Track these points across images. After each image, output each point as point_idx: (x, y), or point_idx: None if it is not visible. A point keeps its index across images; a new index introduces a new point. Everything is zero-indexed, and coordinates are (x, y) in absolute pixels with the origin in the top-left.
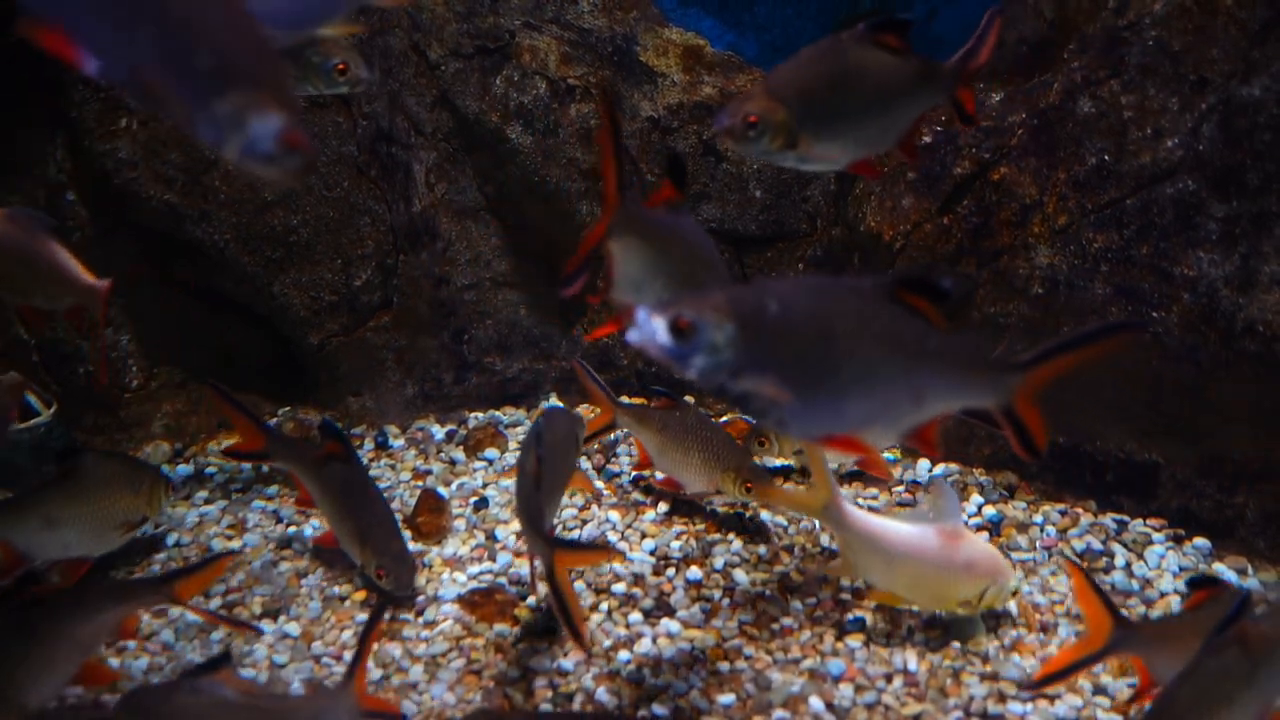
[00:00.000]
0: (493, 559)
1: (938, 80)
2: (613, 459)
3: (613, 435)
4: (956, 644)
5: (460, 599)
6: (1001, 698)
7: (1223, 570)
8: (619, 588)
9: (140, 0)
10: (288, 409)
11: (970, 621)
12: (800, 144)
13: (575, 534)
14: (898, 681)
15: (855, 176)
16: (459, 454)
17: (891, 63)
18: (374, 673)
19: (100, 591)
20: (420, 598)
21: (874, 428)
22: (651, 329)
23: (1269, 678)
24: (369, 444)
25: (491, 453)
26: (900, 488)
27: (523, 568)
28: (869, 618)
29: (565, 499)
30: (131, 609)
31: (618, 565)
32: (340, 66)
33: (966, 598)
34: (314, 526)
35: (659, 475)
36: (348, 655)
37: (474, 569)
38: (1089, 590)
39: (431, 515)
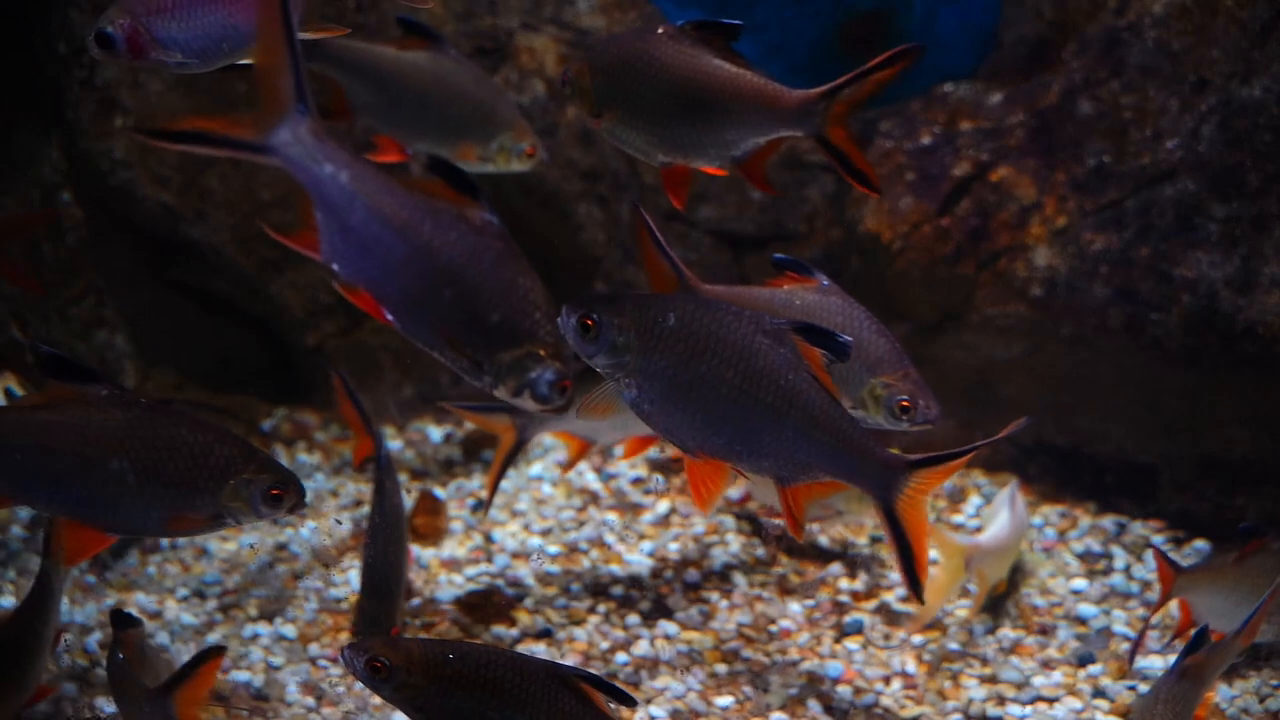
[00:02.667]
0: (490, 561)
1: (788, 107)
2: (610, 459)
3: None
4: (955, 646)
5: (458, 601)
6: (1000, 700)
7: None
8: (617, 590)
9: (442, 275)
10: (284, 411)
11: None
12: (605, 117)
13: (571, 536)
14: (896, 683)
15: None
16: (457, 455)
17: (714, 69)
18: None
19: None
20: (417, 600)
21: (747, 460)
22: (568, 323)
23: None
24: None
25: (489, 454)
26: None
27: (521, 569)
28: (867, 620)
29: (563, 500)
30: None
31: (615, 567)
32: (529, 150)
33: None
34: (310, 528)
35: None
36: None
37: (471, 570)
38: (1160, 554)
39: (428, 517)
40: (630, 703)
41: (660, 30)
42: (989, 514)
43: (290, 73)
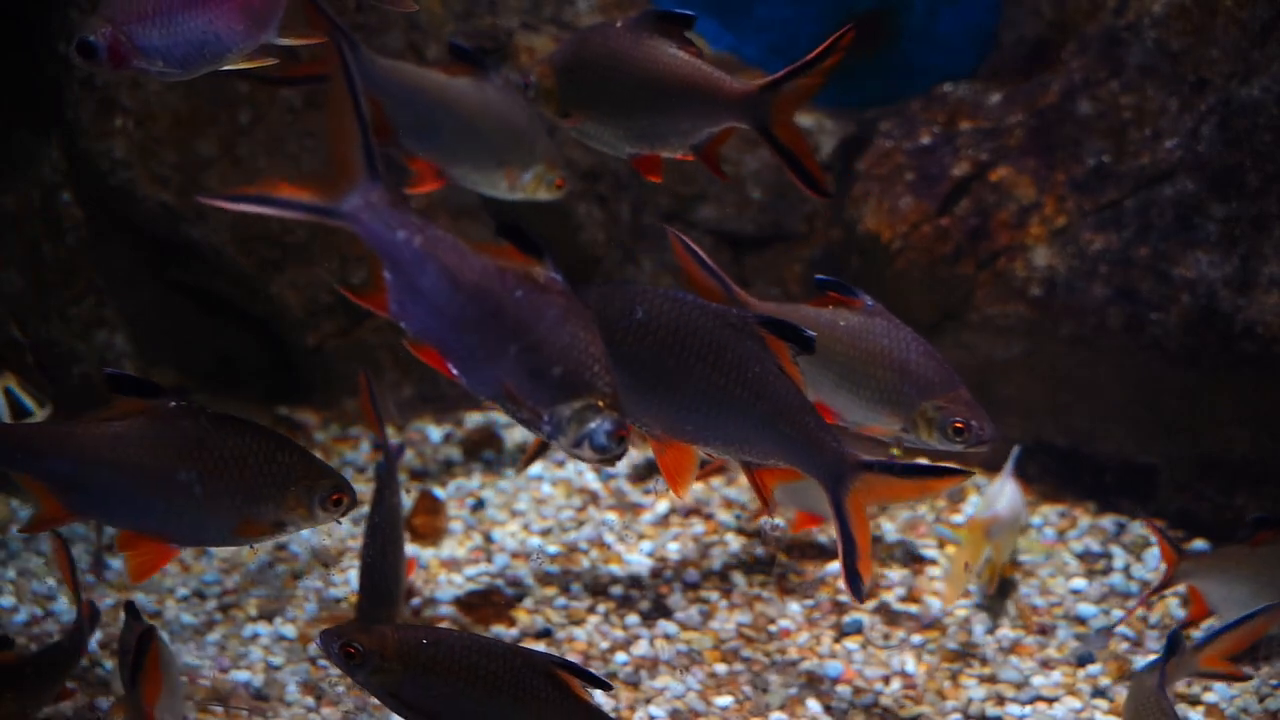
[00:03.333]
0: (490, 560)
1: (730, 98)
2: None
3: None
4: (954, 645)
5: (457, 601)
6: (1000, 700)
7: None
8: (616, 590)
9: (506, 332)
10: (284, 410)
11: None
12: (572, 116)
13: (571, 536)
14: (896, 683)
15: (853, 177)
16: (456, 454)
17: (663, 61)
18: None
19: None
20: (417, 599)
21: (715, 445)
22: None
23: None
24: (365, 445)
25: (489, 454)
26: None
27: (521, 569)
28: (866, 619)
29: (562, 500)
30: None
31: (615, 567)
32: (559, 183)
33: None
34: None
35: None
36: None
37: (471, 570)
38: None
39: (428, 516)
40: (606, 688)
41: (618, 24)
42: (993, 490)
43: (360, 142)
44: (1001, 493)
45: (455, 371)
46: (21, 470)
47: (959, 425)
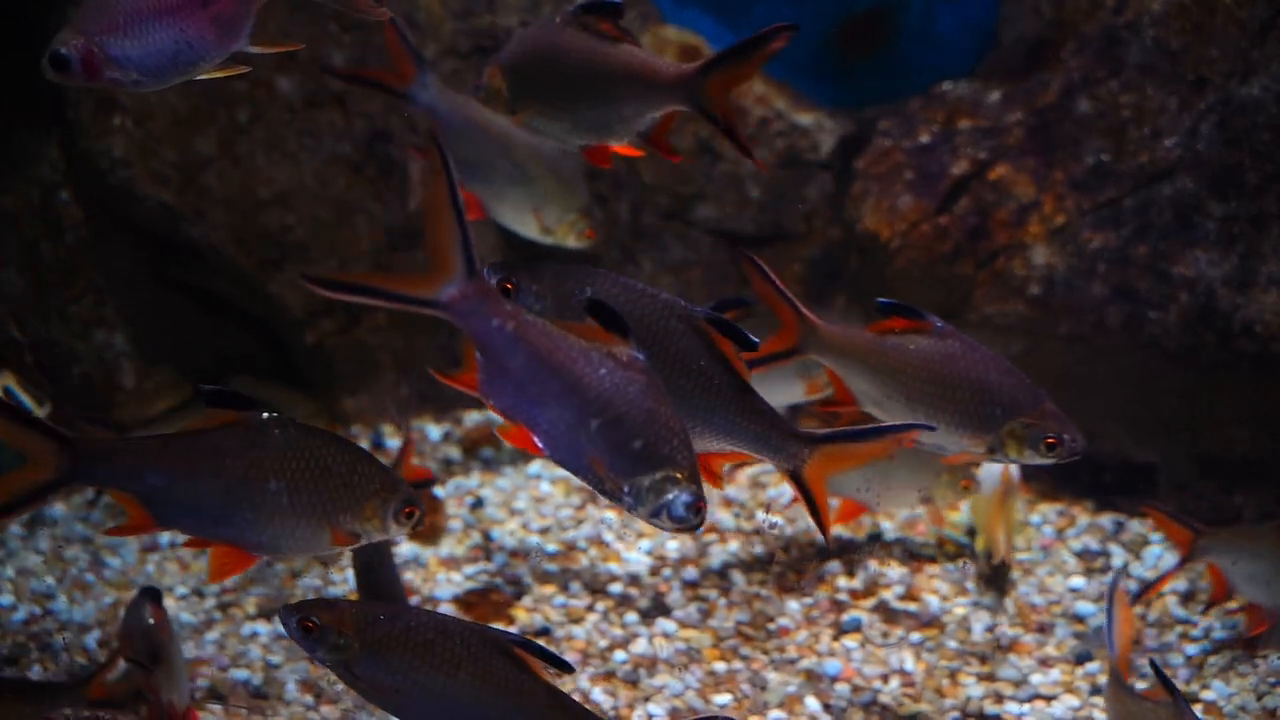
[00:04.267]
0: (489, 559)
1: (667, 82)
2: None
3: None
4: (953, 644)
5: (456, 599)
6: (998, 698)
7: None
8: (615, 588)
9: (591, 409)
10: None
11: None
12: (522, 112)
13: (570, 534)
14: (894, 682)
15: (852, 176)
16: (455, 453)
17: (600, 50)
18: None
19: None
20: (415, 598)
21: None
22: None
23: None
24: (364, 444)
25: (487, 452)
26: None
27: (520, 568)
28: (865, 618)
29: (561, 498)
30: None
31: (614, 565)
32: (588, 233)
33: None
34: None
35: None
36: None
37: (470, 569)
38: (1160, 514)
39: (427, 515)
40: (566, 669)
41: (558, 19)
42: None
43: (458, 237)
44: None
45: (541, 445)
46: (117, 485)
47: (1051, 441)
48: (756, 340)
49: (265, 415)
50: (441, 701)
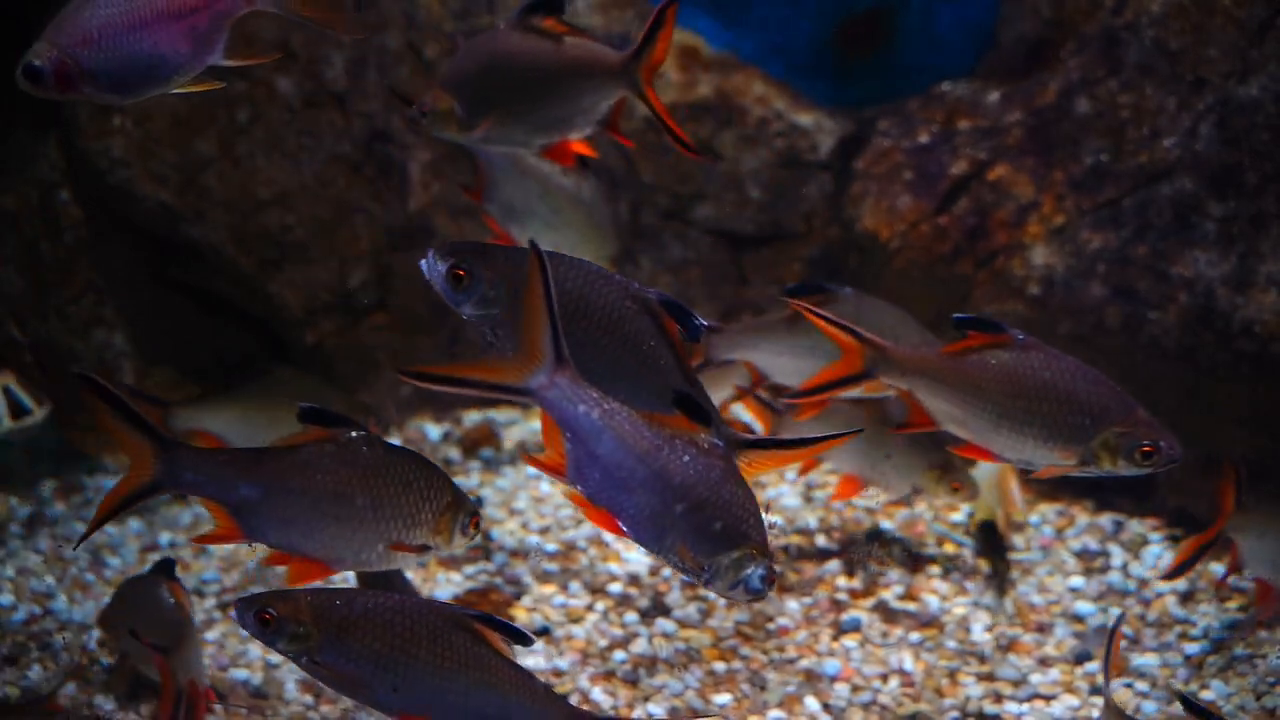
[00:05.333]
0: (488, 558)
1: (610, 69)
2: None
3: None
4: (952, 644)
5: (456, 599)
6: (998, 698)
7: (1219, 570)
8: (615, 588)
9: (674, 493)
10: None
11: None
12: (478, 127)
13: (569, 534)
14: (894, 682)
15: (851, 176)
16: (454, 453)
17: (550, 48)
18: None
19: None
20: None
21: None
22: (436, 269)
23: None
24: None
25: (487, 452)
26: None
27: (519, 568)
28: (865, 618)
29: (560, 498)
30: None
31: (613, 565)
32: (1146, 449)
33: None
34: None
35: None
36: None
37: (470, 569)
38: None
39: None
40: (526, 641)
41: (501, 26)
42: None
43: (549, 329)
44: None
45: (625, 528)
46: (209, 494)
47: (1148, 449)
48: (705, 323)
49: (354, 433)
50: (405, 680)
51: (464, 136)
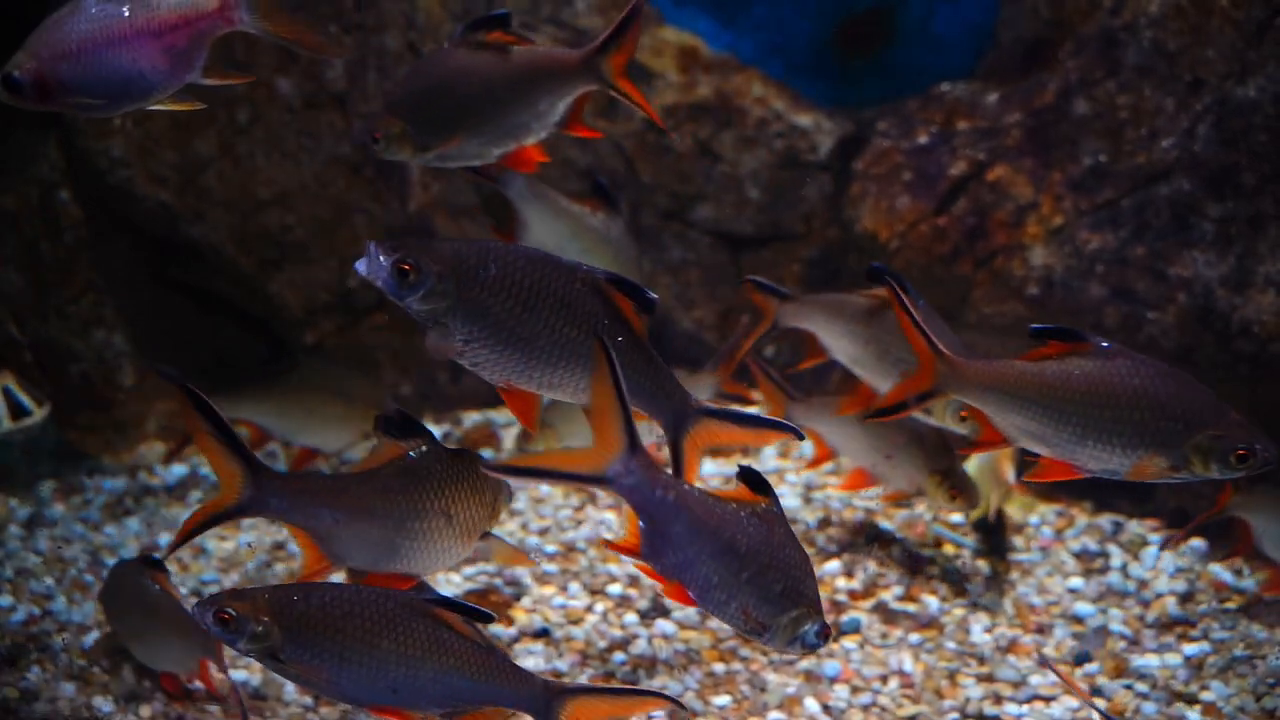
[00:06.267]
0: (487, 559)
1: (568, 68)
2: None
3: None
4: (952, 645)
5: None
6: (998, 699)
7: (1218, 571)
8: (614, 589)
9: (741, 563)
10: None
11: None
12: (434, 147)
13: (569, 535)
14: (893, 683)
15: (851, 176)
16: None
17: (499, 60)
18: None
19: None
20: None
21: (560, 392)
22: (379, 265)
23: None
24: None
25: (487, 452)
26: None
27: (519, 569)
28: (865, 619)
29: (560, 499)
30: None
31: (613, 566)
32: (1241, 452)
33: None
34: None
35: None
36: None
37: (469, 569)
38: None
39: None
40: (487, 619)
41: (446, 44)
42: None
43: (622, 419)
44: None
45: (694, 596)
46: (294, 520)
47: (1243, 452)
48: (655, 297)
49: (424, 449)
50: (369, 671)
51: (420, 158)
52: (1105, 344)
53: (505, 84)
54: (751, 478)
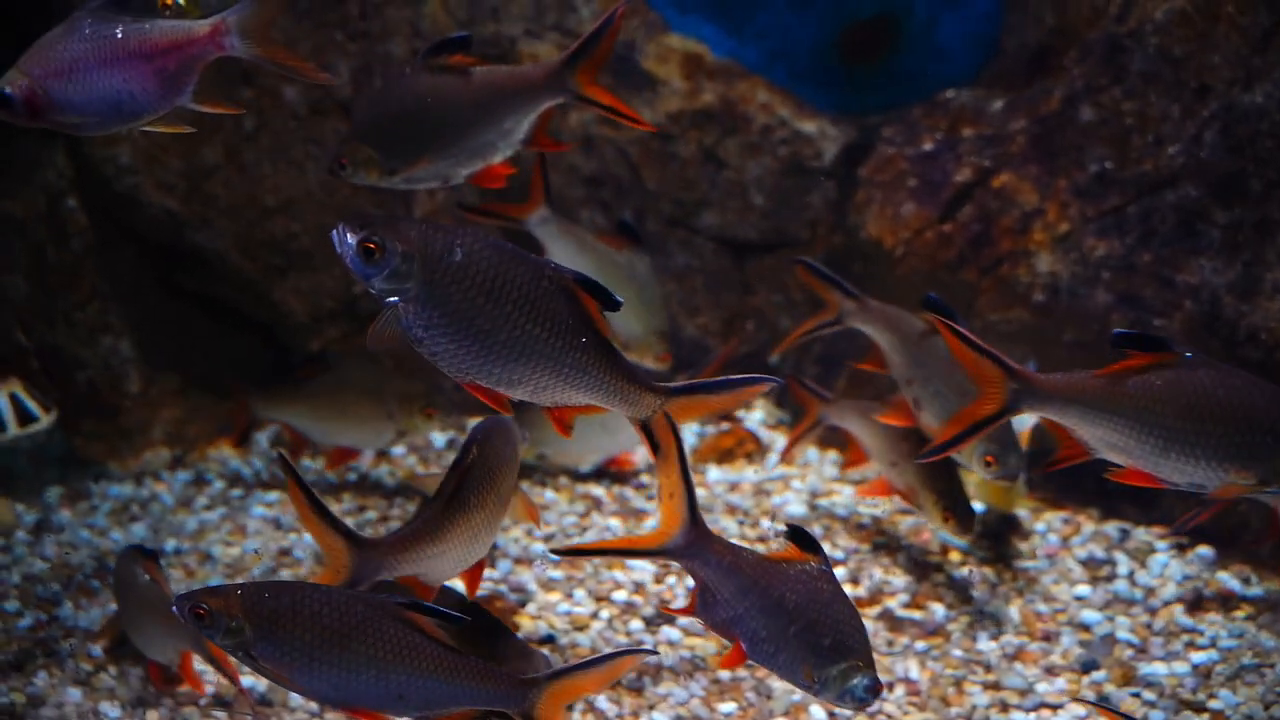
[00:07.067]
0: (493, 565)
1: (533, 85)
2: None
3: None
4: (958, 652)
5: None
6: (1004, 707)
7: (1226, 579)
8: (620, 595)
9: (791, 618)
10: None
11: None
12: (402, 170)
13: (575, 541)
14: (900, 690)
15: (856, 183)
16: None
17: (461, 81)
18: None
19: None
20: None
21: (519, 389)
22: (347, 244)
23: None
24: (369, 453)
25: None
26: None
27: (524, 575)
28: (871, 626)
29: (565, 506)
30: None
31: (618, 573)
32: (663, 358)
33: None
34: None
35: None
36: None
37: None
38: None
39: None
40: (457, 621)
41: (407, 70)
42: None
43: (685, 496)
44: None
45: (745, 648)
46: (392, 589)
47: None
48: (620, 299)
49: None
50: (338, 671)
51: (387, 182)
52: (1189, 354)
53: (470, 104)
54: (801, 537)
